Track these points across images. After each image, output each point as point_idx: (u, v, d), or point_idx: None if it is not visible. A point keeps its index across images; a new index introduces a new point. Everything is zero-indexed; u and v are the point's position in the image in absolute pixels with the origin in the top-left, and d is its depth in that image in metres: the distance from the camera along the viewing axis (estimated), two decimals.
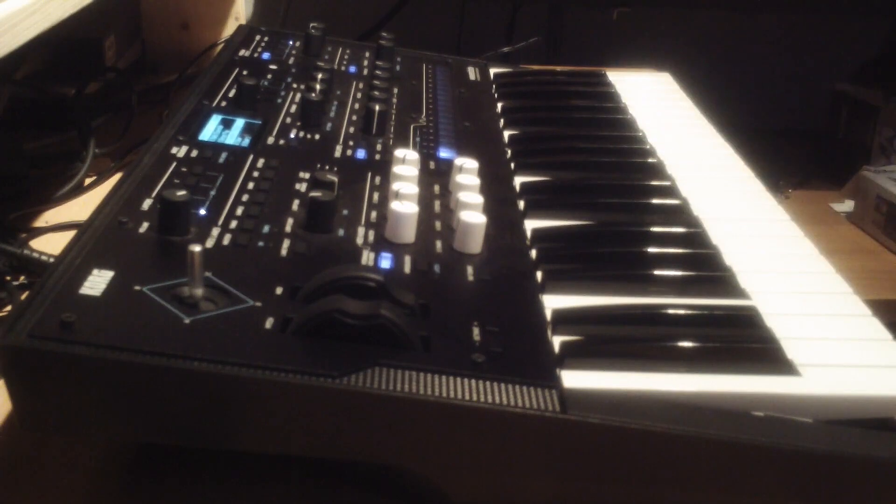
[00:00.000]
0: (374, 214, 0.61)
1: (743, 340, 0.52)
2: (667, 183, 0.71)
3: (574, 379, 0.48)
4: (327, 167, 0.67)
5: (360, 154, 0.71)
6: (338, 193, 0.60)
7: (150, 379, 0.44)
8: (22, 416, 0.45)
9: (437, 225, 0.62)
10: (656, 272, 0.58)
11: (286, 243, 0.56)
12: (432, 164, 0.71)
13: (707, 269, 0.59)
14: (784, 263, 0.62)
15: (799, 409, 0.48)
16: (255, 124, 0.72)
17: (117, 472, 0.53)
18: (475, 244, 0.59)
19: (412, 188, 0.62)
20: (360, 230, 0.59)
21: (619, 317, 0.54)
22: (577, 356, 0.49)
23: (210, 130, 0.70)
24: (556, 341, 0.51)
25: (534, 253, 0.61)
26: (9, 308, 0.67)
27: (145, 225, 0.55)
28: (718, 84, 1.27)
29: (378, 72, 0.86)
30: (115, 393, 0.45)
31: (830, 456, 0.46)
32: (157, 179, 0.61)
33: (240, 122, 0.72)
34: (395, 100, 0.84)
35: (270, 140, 0.70)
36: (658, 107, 0.87)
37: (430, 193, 0.66)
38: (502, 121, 0.84)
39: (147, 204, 0.57)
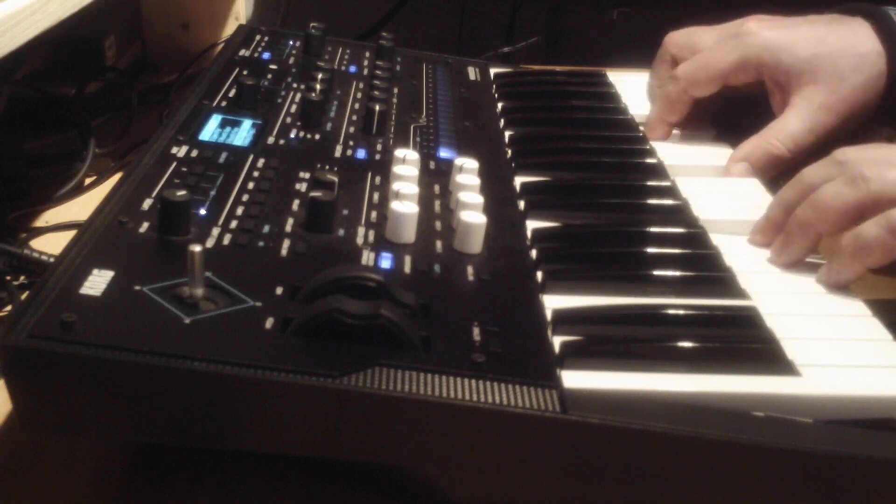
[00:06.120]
0: (374, 214, 0.61)
1: (743, 340, 0.52)
2: (667, 183, 0.71)
3: (574, 379, 0.48)
4: (327, 167, 0.67)
5: (360, 154, 0.71)
6: (338, 193, 0.60)
7: (150, 379, 0.44)
8: (22, 416, 0.45)
9: (438, 225, 0.62)
10: (656, 272, 0.58)
11: (286, 243, 0.56)
12: (432, 164, 0.71)
13: (707, 270, 0.59)
14: None
15: (799, 409, 0.48)
16: (256, 124, 0.72)
17: (117, 472, 0.53)
18: (475, 244, 0.59)
19: (412, 188, 0.62)
20: (360, 230, 0.59)
21: (619, 317, 0.54)
22: (578, 356, 0.49)
23: (210, 130, 0.70)
24: (557, 341, 0.51)
25: (534, 253, 0.61)
26: (9, 308, 0.67)
27: (145, 225, 0.55)
28: None
29: (378, 72, 0.86)
30: (114, 393, 0.45)
31: (830, 456, 0.46)
32: (157, 179, 0.61)
33: (240, 122, 0.72)
34: (395, 100, 0.84)
35: (270, 140, 0.70)
36: None
37: (431, 193, 0.66)
38: (502, 121, 0.84)
39: (147, 204, 0.57)
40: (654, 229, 0.63)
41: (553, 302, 0.54)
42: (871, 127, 0.77)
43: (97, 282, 0.48)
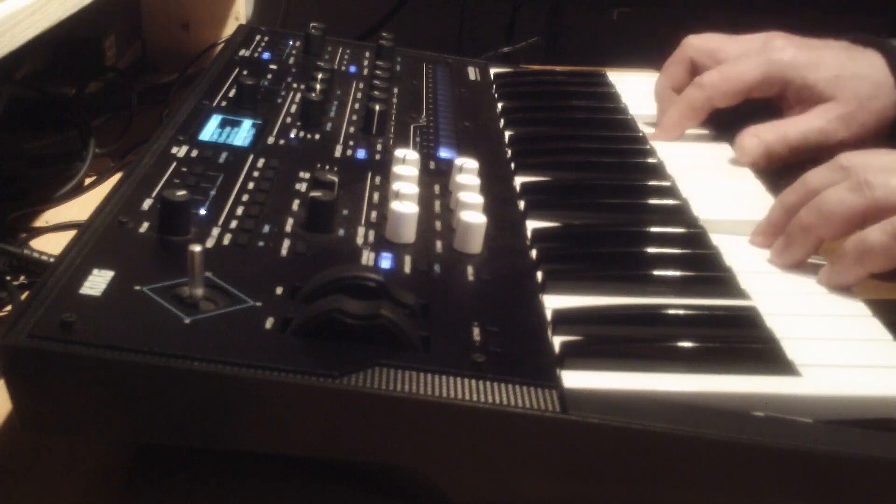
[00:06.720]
0: (374, 214, 0.61)
1: (743, 340, 0.52)
2: (667, 183, 0.71)
3: (574, 379, 0.48)
4: (327, 167, 0.67)
5: (360, 154, 0.71)
6: (338, 193, 0.60)
7: (150, 379, 0.44)
8: (22, 416, 0.45)
9: (437, 225, 0.62)
10: (656, 272, 0.58)
11: (286, 243, 0.56)
12: (432, 164, 0.71)
13: (707, 270, 0.59)
14: None
15: (799, 409, 0.48)
16: (256, 124, 0.72)
17: (117, 472, 0.53)
18: (475, 244, 0.59)
19: (412, 188, 0.62)
20: (360, 230, 0.59)
21: (619, 317, 0.54)
22: (578, 356, 0.49)
23: (210, 130, 0.70)
24: (557, 341, 0.51)
25: (534, 253, 0.61)
26: (9, 308, 0.67)
27: (145, 225, 0.55)
28: None
29: (378, 72, 0.86)
30: (114, 393, 0.45)
31: (830, 456, 0.46)
32: (157, 179, 0.61)
33: (240, 122, 0.72)
34: (395, 100, 0.84)
35: (270, 140, 0.70)
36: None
37: (431, 193, 0.66)
38: (502, 121, 0.84)
39: (147, 204, 0.57)
40: (654, 229, 0.63)
41: (553, 302, 0.54)
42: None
43: (97, 282, 0.48)
